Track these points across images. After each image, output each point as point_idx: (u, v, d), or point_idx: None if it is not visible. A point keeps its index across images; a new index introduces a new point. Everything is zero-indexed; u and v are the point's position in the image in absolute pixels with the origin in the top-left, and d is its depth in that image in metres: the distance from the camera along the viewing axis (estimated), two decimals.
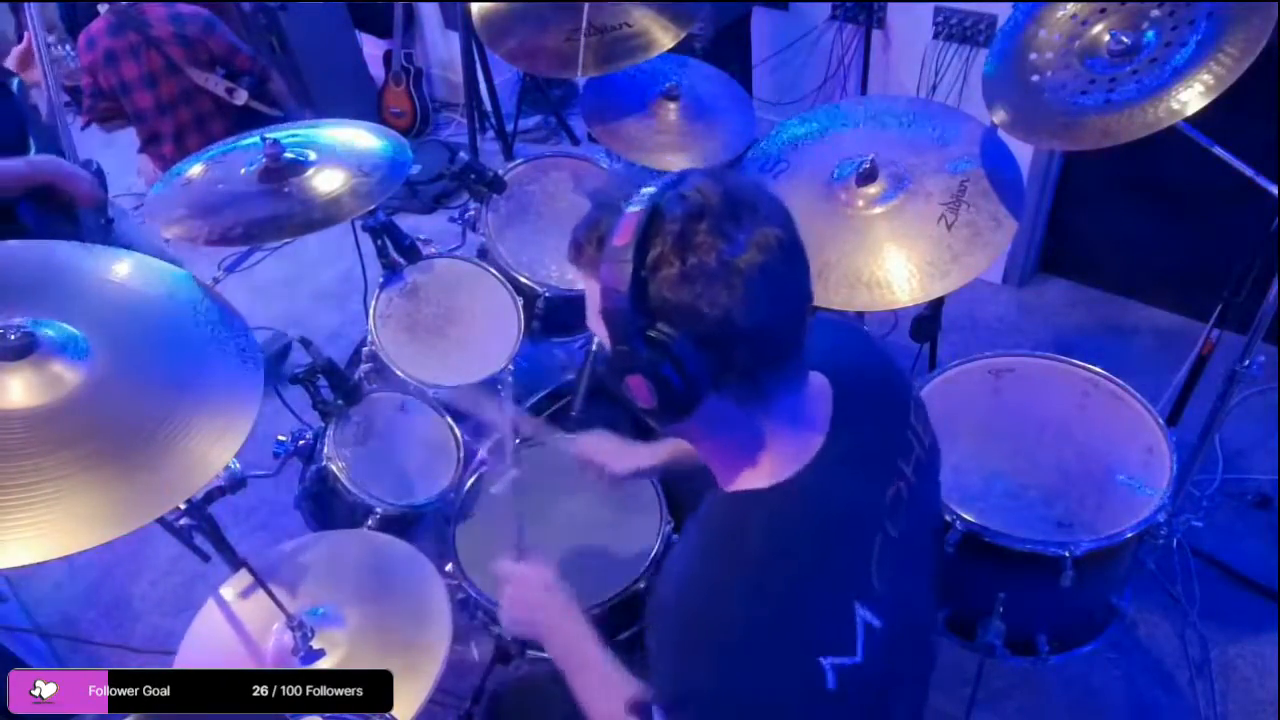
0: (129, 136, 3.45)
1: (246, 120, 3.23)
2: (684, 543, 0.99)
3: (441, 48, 4.17)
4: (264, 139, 1.66)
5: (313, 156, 1.68)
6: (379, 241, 1.90)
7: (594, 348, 1.98)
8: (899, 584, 0.92)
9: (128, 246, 1.37)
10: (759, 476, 0.90)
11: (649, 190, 0.80)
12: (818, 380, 0.95)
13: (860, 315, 1.97)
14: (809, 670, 0.82)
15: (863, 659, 0.85)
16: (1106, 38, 1.45)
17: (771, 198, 0.84)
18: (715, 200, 0.79)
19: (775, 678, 0.82)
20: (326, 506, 1.74)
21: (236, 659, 1.38)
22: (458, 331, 1.95)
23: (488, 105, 3.69)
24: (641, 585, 1.53)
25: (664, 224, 0.78)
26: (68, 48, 3.41)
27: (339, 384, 1.67)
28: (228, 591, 1.45)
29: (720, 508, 0.93)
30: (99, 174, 1.96)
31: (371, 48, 4.12)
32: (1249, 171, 1.44)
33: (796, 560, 0.86)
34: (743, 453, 0.91)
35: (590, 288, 0.85)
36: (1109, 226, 2.78)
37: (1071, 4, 1.53)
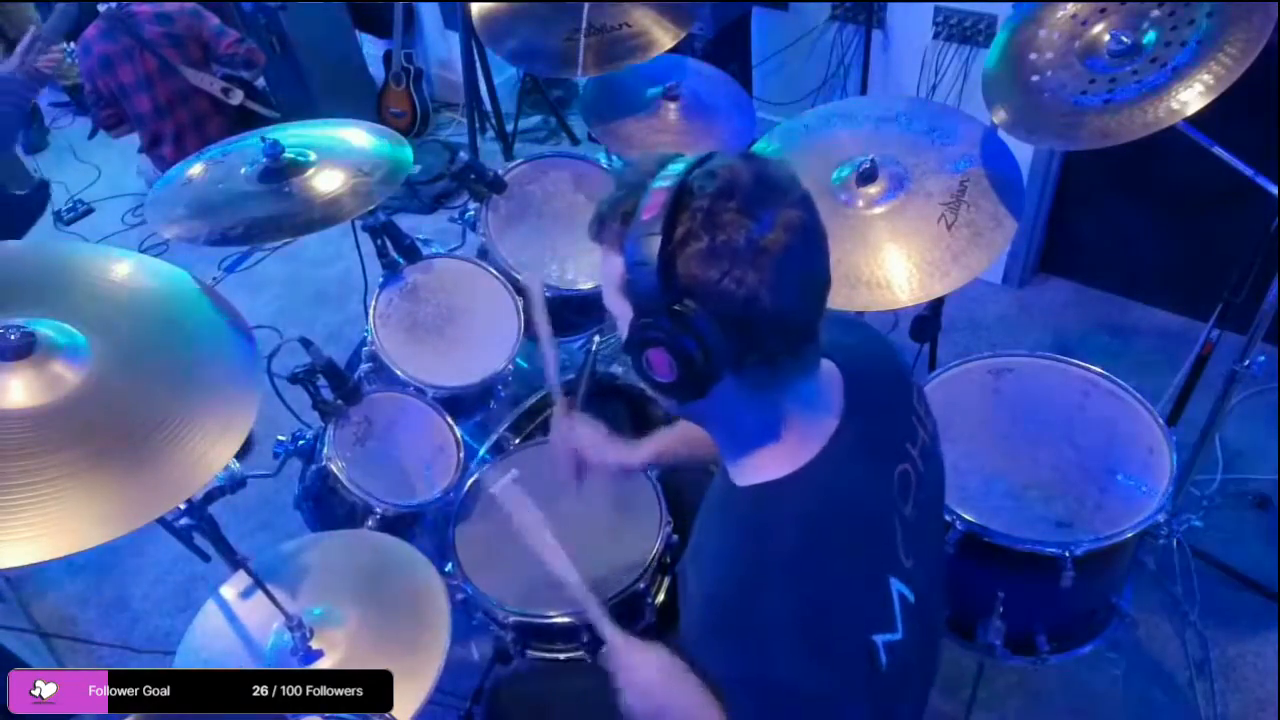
0: (128, 138, 3.45)
1: (244, 122, 3.24)
2: (705, 543, 0.98)
3: (441, 48, 4.16)
4: (264, 139, 1.66)
5: (313, 157, 1.68)
6: (379, 241, 1.90)
7: (594, 347, 1.98)
8: (919, 560, 0.93)
9: None
10: (776, 463, 0.90)
11: (676, 168, 0.81)
12: (828, 366, 0.96)
13: (860, 315, 1.97)
14: (865, 650, 0.84)
15: (902, 634, 0.86)
16: (1106, 38, 1.45)
17: (796, 181, 0.84)
18: (745, 180, 0.79)
19: (833, 662, 0.83)
20: (326, 506, 1.74)
21: (236, 659, 1.37)
22: (458, 331, 1.95)
23: (488, 105, 3.70)
24: (641, 585, 1.53)
25: (693, 200, 0.78)
26: (68, 43, 3.39)
27: (339, 384, 1.67)
28: (228, 591, 1.45)
29: (742, 505, 0.93)
30: None
31: (371, 48, 4.12)
32: (1249, 171, 1.44)
33: (832, 545, 0.87)
34: (759, 437, 0.91)
35: (611, 263, 0.85)
36: (1109, 226, 2.78)
37: (1071, 4, 1.53)
